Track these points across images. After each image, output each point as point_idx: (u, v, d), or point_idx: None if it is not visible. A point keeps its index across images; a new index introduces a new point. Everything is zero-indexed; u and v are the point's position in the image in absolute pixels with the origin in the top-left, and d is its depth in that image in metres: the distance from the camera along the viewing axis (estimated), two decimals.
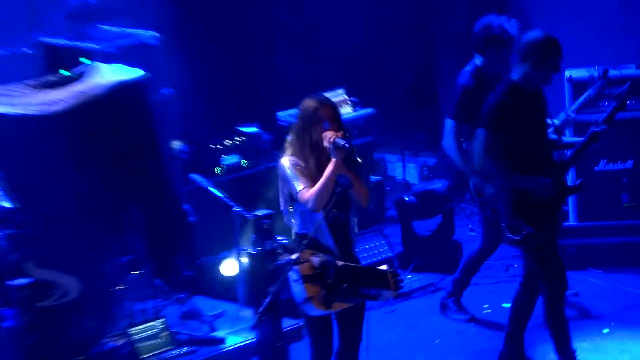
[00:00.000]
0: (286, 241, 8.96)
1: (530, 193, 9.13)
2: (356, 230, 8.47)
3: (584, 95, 10.88)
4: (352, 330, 8.69)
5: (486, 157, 9.18)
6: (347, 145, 8.14)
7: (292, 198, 8.34)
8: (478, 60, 10.51)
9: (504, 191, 9.22)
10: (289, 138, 8.43)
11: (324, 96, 8.50)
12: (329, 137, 8.19)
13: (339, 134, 8.19)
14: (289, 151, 8.38)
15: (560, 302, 9.50)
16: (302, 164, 8.27)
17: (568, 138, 9.83)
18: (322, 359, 8.66)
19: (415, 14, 13.72)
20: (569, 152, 9.49)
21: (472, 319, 11.08)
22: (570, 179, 10.91)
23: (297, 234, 8.45)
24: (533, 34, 9.33)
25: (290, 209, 8.40)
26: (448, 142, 10.56)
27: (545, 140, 9.37)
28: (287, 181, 8.32)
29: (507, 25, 10.35)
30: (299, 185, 8.23)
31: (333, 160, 8.17)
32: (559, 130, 10.21)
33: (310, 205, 8.18)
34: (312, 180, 8.23)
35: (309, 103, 8.37)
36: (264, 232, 9.34)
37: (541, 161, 9.25)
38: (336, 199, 8.18)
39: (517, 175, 9.13)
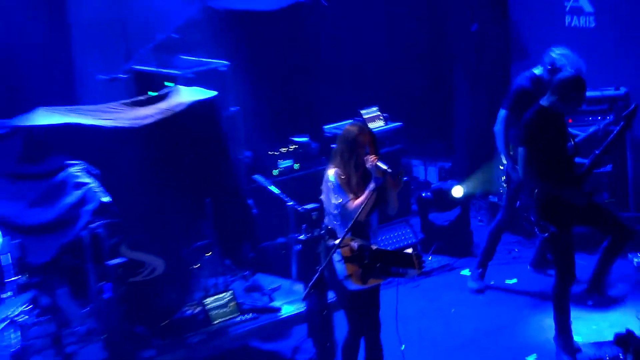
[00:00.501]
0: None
1: (559, 200, 9.19)
2: (375, 226, 8.54)
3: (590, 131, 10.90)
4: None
5: (527, 169, 9.26)
6: (389, 169, 8.25)
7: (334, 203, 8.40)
8: (538, 71, 10.66)
9: (539, 197, 9.28)
10: (334, 155, 8.48)
11: (363, 123, 8.61)
12: (371, 160, 8.27)
13: (378, 157, 8.23)
14: (333, 165, 8.44)
15: (567, 289, 9.53)
16: (345, 178, 8.30)
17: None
18: (359, 324, 8.73)
19: (431, 40, 13.66)
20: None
21: (482, 290, 11.07)
22: None
23: (329, 228, 8.53)
24: (566, 74, 9.52)
25: (334, 211, 8.44)
26: (498, 128, 10.75)
27: (567, 156, 9.40)
28: (332, 191, 8.39)
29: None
30: (345, 198, 8.34)
31: (374, 179, 8.26)
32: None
33: (355, 215, 8.22)
34: (354, 192, 8.35)
35: (351, 129, 8.46)
36: (312, 222, 9.35)
37: (565, 172, 9.30)
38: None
39: (558, 185, 9.17)
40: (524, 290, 11.16)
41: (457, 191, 12.05)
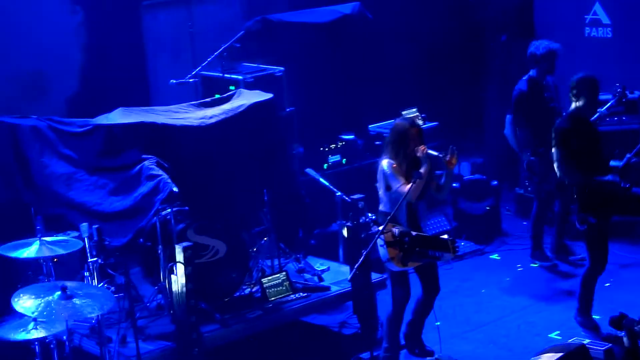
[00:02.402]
0: (374, 217, 8.85)
1: (598, 193, 9.02)
2: (423, 211, 8.61)
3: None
4: (431, 282, 8.87)
5: (564, 167, 9.14)
6: (440, 154, 8.41)
7: (388, 189, 8.46)
8: (532, 72, 10.68)
9: (578, 192, 9.11)
10: (387, 147, 8.60)
11: (412, 119, 8.84)
12: (422, 149, 8.35)
13: (425, 148, 8.40)
14: (387, 155, 8.53)
15: (596, 278, 9.41)
16: (396, 166, 8.35)
17: None
18: (401, 301, 8.71)
19: (465, 48, 13.53)
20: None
21: (554, 265, 11.00)
22: None
23: (384, 213, 8.51)
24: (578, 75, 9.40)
25: (384, 197, 8.56)
26: (507, 131, 10.94)
27: (600, 152, 9.27)
28: (386, 177, 8.47)
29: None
30: (398, 182, 8.38)
31: (424, 165, 8.35)
32: None
33: (408, 196, 8.29)
34: (405, 178, 8.33)
35: (403, 123, 8.63)
36: (359, 210, 9.20)
37: (599, 167, 9.12)
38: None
39: (594, 177, 9.05)
40: (547, 273, 11.00)
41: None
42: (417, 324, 9.04)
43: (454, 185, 11.97)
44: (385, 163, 8.50)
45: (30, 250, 8.15)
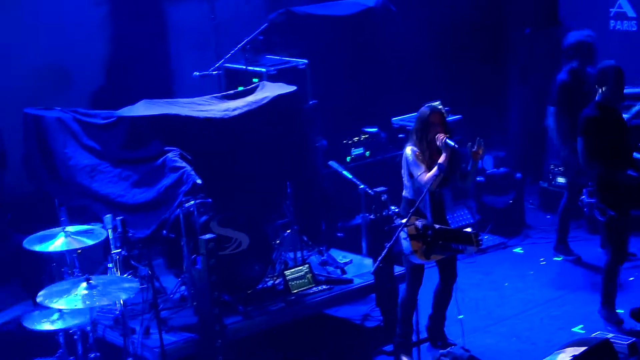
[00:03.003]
0: (397, 210, 8.83)
1: (618, 185, 9.00)
2: (449, 201, 8.52)
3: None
4: (448, 269, 8.88)
5: (586, 157, 9.10)
6: (456, 145, 8.31)
7: (412, 176, 8.46)
8: (574, 62, 10.53)
9: (599, 183, 9.07)
10: (411, 134, 8.60)
11: (435, 105, 8.64)
12: (440, 137, 8.31)
13: (448, 136, 8.21)
14: (410, 143, 8.52)
15: (617, 269, 9.38)
16: (419, 153, 8.29)
17: None
18: (414, 287, 8.77)
19: (489, 41, 13.48)
20: None
21: (578, 259, 10.95)
22: None
23: (407, 200, 8.56)
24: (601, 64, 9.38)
25: (408, 183, 8.56)
26: (549, 122, 10.71)
27: (625, 144, 9.22)
28: (409, 165, 8.48)
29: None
30: (419, 170, 8.39)
31: (444, 154, 8.26)
32: None
33: (427, 185, 8.30)
34: (427, 166, 8.37)
35: (424, 111, 8.56)
36: (382, 203, 9.17)
37: (622, 159, 9.11)
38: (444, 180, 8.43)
39: (616, 170, 8.99)
40: (570, 267, 10.97)
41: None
42: (438, 316, 9.04)
43: (479, 179, 11.93)
44: (408, 150, 8.52)
45: (56, 244, 8.18)
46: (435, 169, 8.30)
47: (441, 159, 8.33)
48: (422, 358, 8.81)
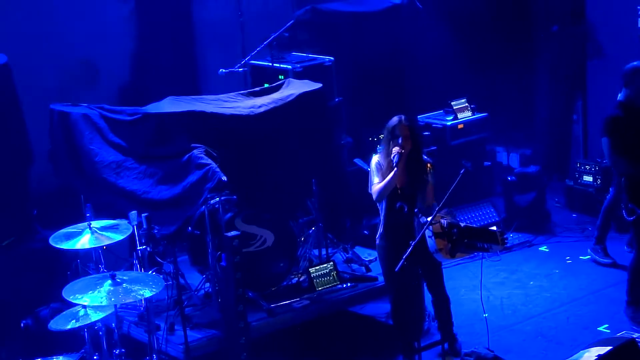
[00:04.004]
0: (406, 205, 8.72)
1: None
2: (420, 219, 8.30)
3: None
4: (435, 284, 8.76)
5: (613, 157, 9.08)
6: (396, 161, 8.13)
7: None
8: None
9: (626, 183, 9.03)
10: (382, 142, 8.45)
11: (405, 117, 8.38)
12: (393, 151, 8.14)
13: (399, 151, 8.05)
14: (379, 152, 8.43)
15: None
16: (383, 165, 8.23)
17: None
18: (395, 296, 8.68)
19: (515, 38, 13.40)
20: None
21: (613, 263, 10.74)
22: None
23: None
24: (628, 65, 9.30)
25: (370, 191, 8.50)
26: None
27: None
28: (370, 173, 8.41)
29: None
30: (375, 180, 8.33)
31: (394, 169, 8.16)
32: None
33: (374, 196, 8.30)
34: (384, 179, 8.27)
35: (392, 121, 8.37)
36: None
37: None
38: (401, 194, 8.27)
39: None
40: (596, 266, 10.87)
41: None
42: (442, 322, 8.91)
43: (510, 178, 11.88)
44: (374, 159, 8.43)
45: (82, 241, 8.20)
46: (383, 182, 8.22)
47: (389, 175, 8.20)
48: None
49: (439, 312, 8.81)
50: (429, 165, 8.36)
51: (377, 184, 8.26)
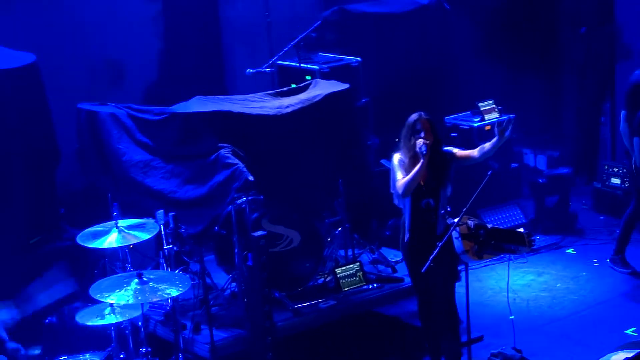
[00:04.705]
0: (449, 209, 8.73)
1: None
2: (445, 214, 8.24)
3: None
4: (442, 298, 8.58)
5: None
6: (424, 152, 8.08)
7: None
8: None
9: None
10: (400, 140, 8.39)
11: (423, 112, 8.33)
12: (418, 143, 8.05)
13: (425, 142, 8.05)
14: (399, 149, 8.35)
15: None
16: (404, 160, 8.14)
17: None
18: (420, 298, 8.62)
19: (543, 40, 13.38)
20: None
21: (633, 272, 10.64)
22: None
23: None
24: None
25: (392, 191, 8.42)
26: (622, 127, 10.34)
27: None
28: (392, 172, 8.31)
29: None
30: (398, 175, 8.23)
31: (420, 161, 8.08)
32: None
33: (400, 191, 8.19)
34: (407, 173, 8.21)
35: (411, 117, 8.33)
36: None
37: None
38: (425, 190, 8.20)
39: None
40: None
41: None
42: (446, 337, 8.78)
43: (540, 180, 11.84)
44: (395, 157, 8.37)
45: (110, 240, 8.24)
46: (409, 175, 8.16)
47: (417, 166, 8.15)
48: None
49: (446, 325, 8.60)
50: (455, 151, 8.36)
51: (402, 179, 8.22)
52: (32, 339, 8.88)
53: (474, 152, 8.40)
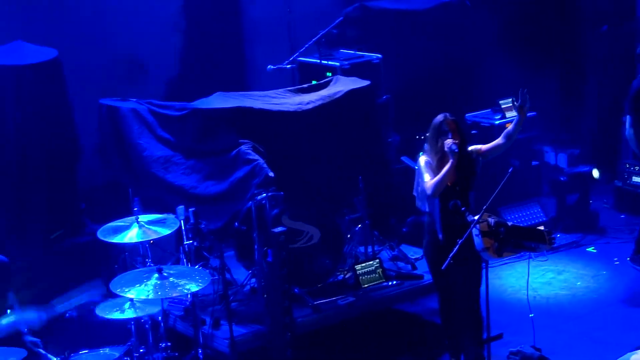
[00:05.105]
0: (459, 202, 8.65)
1: None
2: (468, 217, 8.07)
3: None
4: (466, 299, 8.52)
5: None
6: (456, 149, 8.04)
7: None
8: None
9: None
10: (426, 143, 8.35)
11: (448, 113, 8.29)
12: (447, 143, 8.03)
13: (454, 141, 8.02)
14: (425, 152, 8.32)
15: None
16: (431, 162, 8.12)
17: None
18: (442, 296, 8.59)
19: (564, 39, 13.33)
20: None
21: None
22: None
23: (426, 212, 8.38)
24: None
25: (415, 194, 8.42)
26: (627, 132, 10.36)
27: None
28: (419, 174, 8.27)
29: None
30: (426, 177, 8.17)
31: (450, 161, 8.03)
32: None
33: (429, 192, 8.13)
34: (435, 175, 8.16)
35: (437, 118, 8.29)
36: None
37: None
38: (453, 191, 8.14)
39: None
40: None
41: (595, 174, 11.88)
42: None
43: (561, 178, 11.80)
44: (421, 159, 8.30)
45: (130, 235, 8.27)
46: (439, 175, 8.09)
47: (447, 166, 8.08)
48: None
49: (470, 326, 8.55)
50: (479, 146, 8.33)
51: (431, 179, 8.17)
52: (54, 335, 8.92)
53: (499, 141, 8.34)
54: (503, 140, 8.32)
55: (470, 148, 8.35)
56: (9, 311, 7.92)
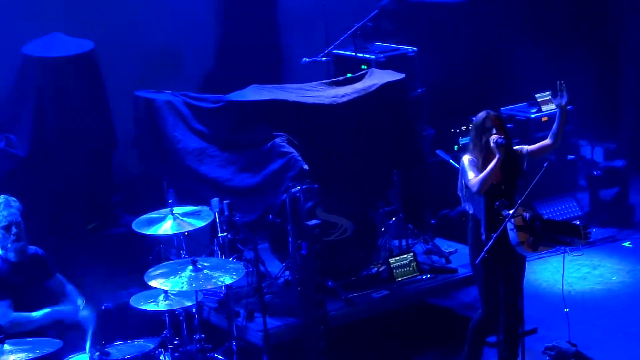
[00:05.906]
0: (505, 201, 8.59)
1: None
2: (503, 212, 7.95)
3: None
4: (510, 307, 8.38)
5: None
6: (503, 142, 7.90)
7: (466, 186, 8.14)
8: None
9: None
10: (470, 141, 8.21)
11: (491, 109, 8.16)
12: (493, 138, 7.91)
13: (500, 135, 7.92)
14: (468, 151, 8.16)
15: None
16: (476, 160, 8.01)
17: None
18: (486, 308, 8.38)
19: (599, 30, 13.20)
20: None
21: None
22: None
23: (469, 213, 8.23)
24: None
25: (459, 193, 8.26)
26: None
27: None
28: (463, 172, 8.11)
29: None
30: (471, 175, 8.00)
31: (497, 156, 7.90)
32: None
33: (474, 189, 7.96)
34: (480, 172, 8.01)
35: (480, 115, 8.12)
36: None
37: None
38: (498, 190, 8.01)
39: None
40: None
41: None
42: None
43: (595, 173, 11.71)
44: (464, 158, 8.11)
45: (165, 227, 8.29)
46: (485, 171, 7.92)
47: (493, 161, 7.91)
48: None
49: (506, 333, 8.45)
50: (526, 147, 8.24)
51: (477, 176, 7.99)
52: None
53: (547, 141, 8.20)
54: (550, 140, 8.19)
55: (515, 148, 8.24)
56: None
